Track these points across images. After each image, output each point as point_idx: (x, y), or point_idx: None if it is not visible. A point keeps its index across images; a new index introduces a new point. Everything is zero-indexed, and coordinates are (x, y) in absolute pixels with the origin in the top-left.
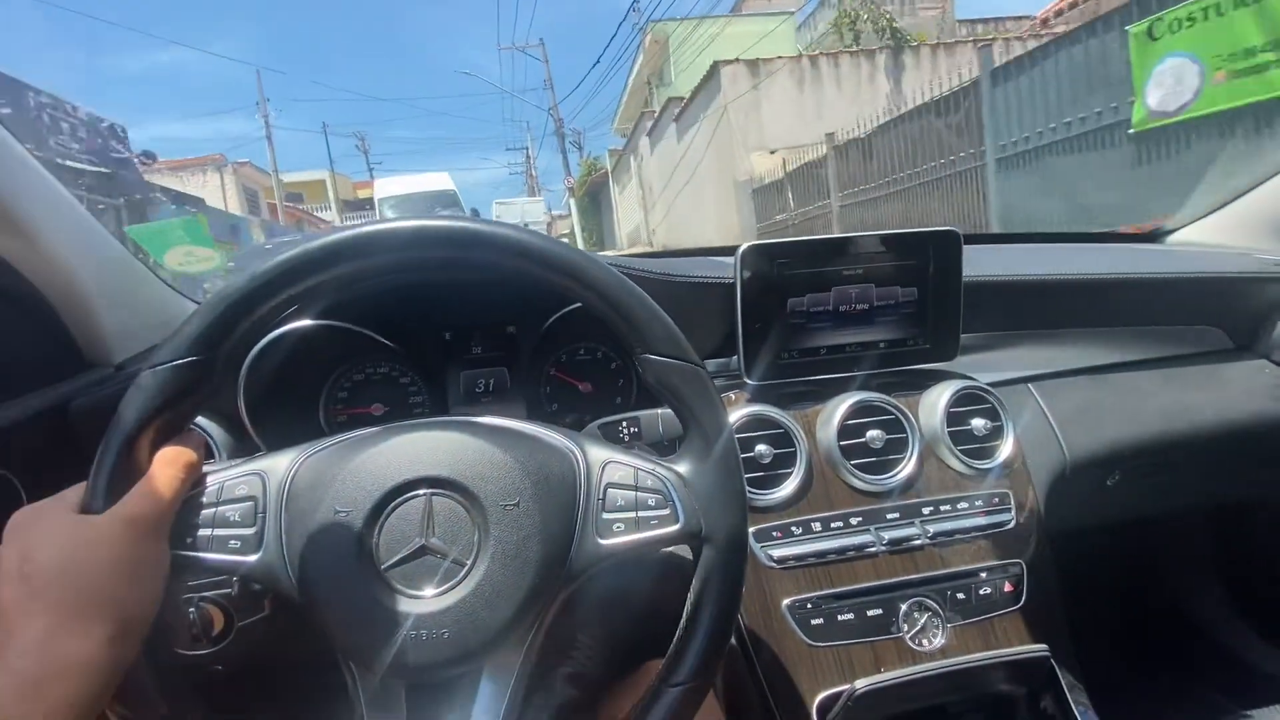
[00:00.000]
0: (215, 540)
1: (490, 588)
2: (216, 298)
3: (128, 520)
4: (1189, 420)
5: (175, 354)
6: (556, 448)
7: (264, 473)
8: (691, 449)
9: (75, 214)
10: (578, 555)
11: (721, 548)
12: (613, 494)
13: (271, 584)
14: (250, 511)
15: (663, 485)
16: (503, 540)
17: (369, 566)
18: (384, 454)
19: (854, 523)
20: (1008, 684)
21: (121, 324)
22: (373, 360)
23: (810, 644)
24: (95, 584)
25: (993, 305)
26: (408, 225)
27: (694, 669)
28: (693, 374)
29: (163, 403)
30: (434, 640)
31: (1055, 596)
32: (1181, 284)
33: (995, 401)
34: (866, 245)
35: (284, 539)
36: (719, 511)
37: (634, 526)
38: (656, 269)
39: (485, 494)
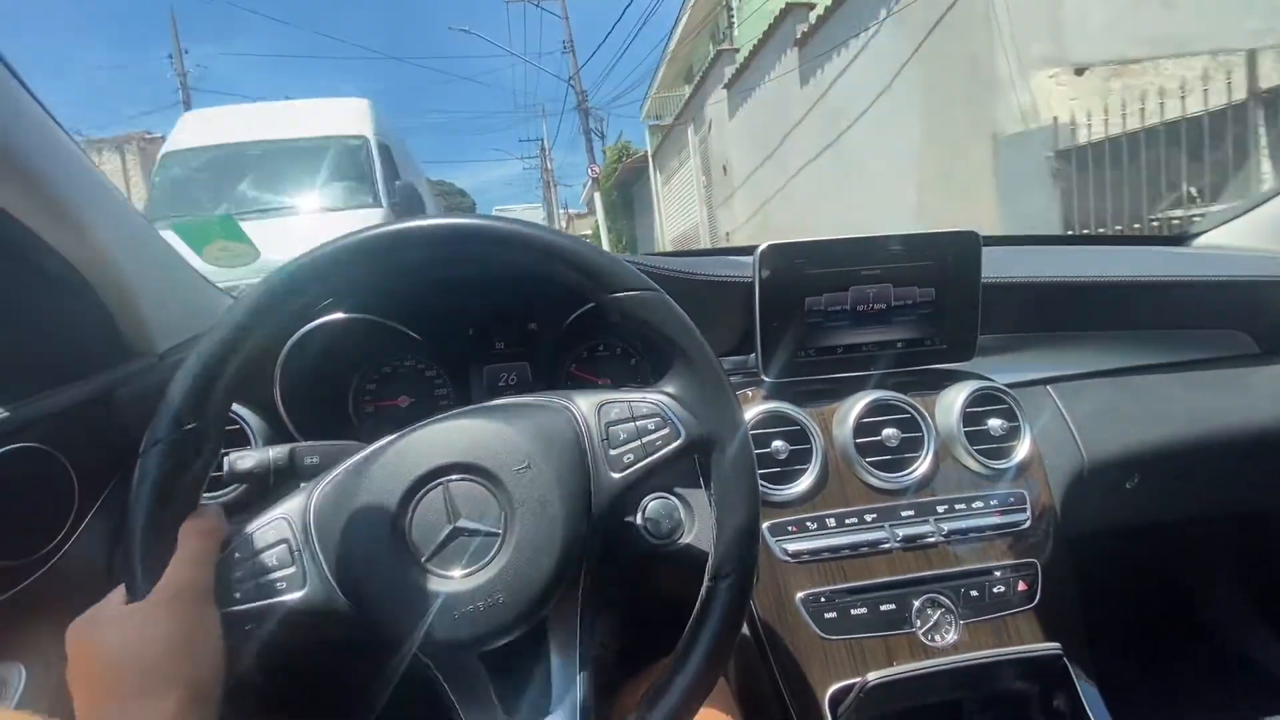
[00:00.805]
0: (261, 587)
1: (528, 546)
2: (192, 361)
3: (171, 595)
4: (1212, 425)
5: (166, 430)
6: (548, 406)
7: (285, 516)
8: (675, 369)
9: (121, 207)
10: (598, 494)
11: (727, 447)
12: (614, 431)
13: (325, 609)
14: (286, 553)
15: (658, 408)
16: (526, 501)
17: (411, 563)
18: (393, 460)
19: (869, 519)
20: (1020, 681)
21: (163, 315)
22: (400, 354)
23: (823, 637)
24: (155, 663)
25: (1011, 306)
26: (338, 245)
27: (737, 560)
28: (658, 301)
29: (170, 478)
30: (491, 608)
31: (1070, 596)
32: (1207, 287)
33: (1012, 402)
34: (885, 245)
35: (324, 565)
36: (716, 415)
37: (642, 452)
38: (675, 267)
39: (495, 465)
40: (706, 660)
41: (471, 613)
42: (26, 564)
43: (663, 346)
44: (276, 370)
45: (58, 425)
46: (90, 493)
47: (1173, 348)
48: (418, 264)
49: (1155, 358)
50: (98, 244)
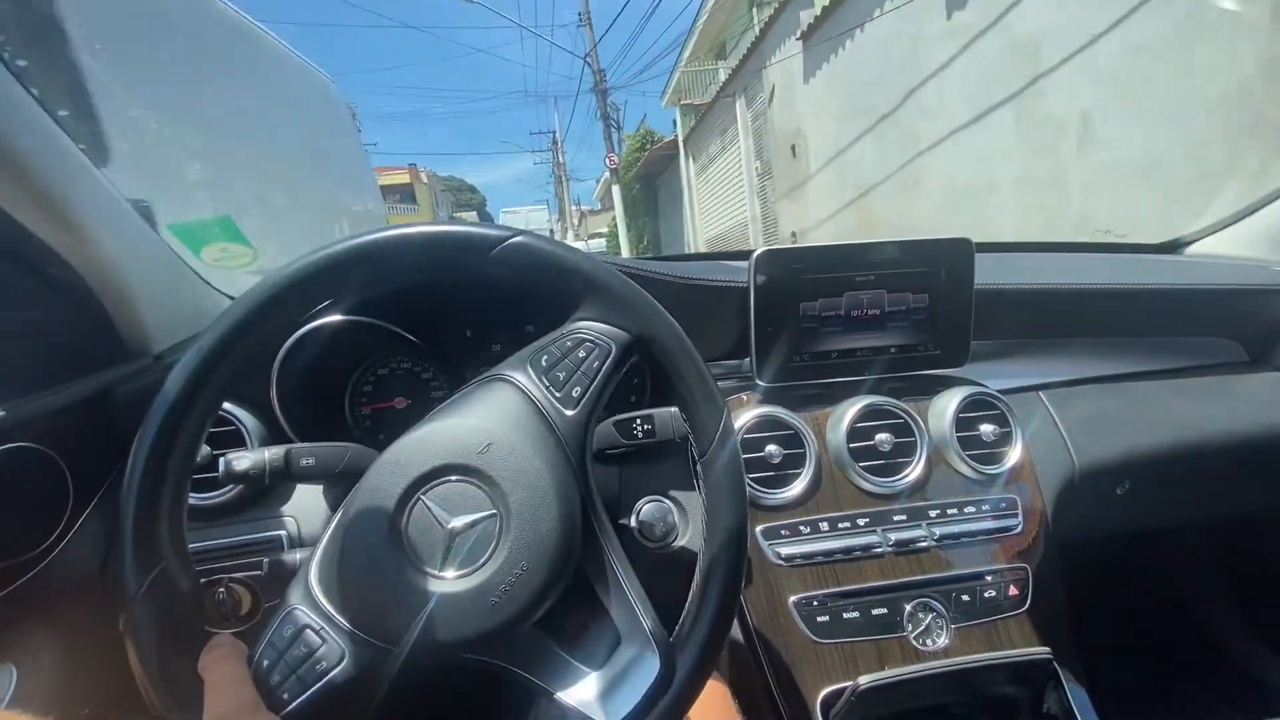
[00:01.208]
0: (305, 678)
1: (528, 510)
2: (124, 500)
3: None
4: (1201, 432)
5: (135, 583)
6: (483, 385)
7: (294, 606)
8: (579, 295)
9: (120, 209)
10: (569, 436)
11: (658, 331)
12: (553, 375)
13: (376, 667)
14: (313, 636)
15: (583, 335)
16: (505, 475)
17: (426, 578)
18: (366, 502)
19: (861, 524)
20: (1010, 685)
21: (161, 316)
22: (397, 356)
23: (816, 640)
24: None
25: (1004, 313)
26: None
27: (714, 425)
28: (532, 239)
29: (164, 624)
30: (523, 577)
31: (1061, 601)
32: (1197, 295)
33: (1004, 408)
34: (879, 252)
35: (355, 630)
36: (634, 314)
37: (585, 380)
38: (671, 272)
39: (458, 457)
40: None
41: (506, 591)
42: (19, 564)
43: (563, 283)
44: (273, 371)
45: (53, 425)
46: (85, 493)
47: (1163, 355)
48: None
49: (1146, 365)
50: (95, 244)
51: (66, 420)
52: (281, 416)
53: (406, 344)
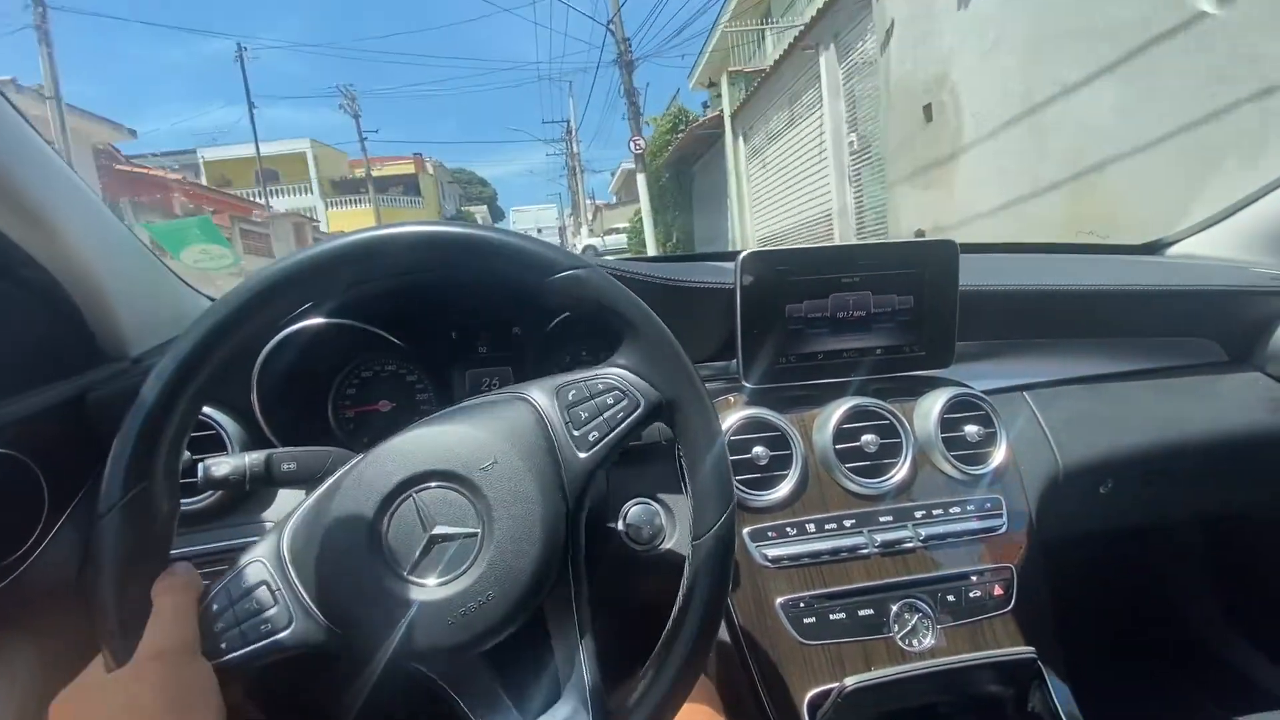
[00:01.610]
0: (247, 633)
1: (510, 540)
2: (129, 420)
3: (154, 657)
4: (1182, 431)
5: (116, 497)
6: (505, 401)
7: (260, 559)
8: (624, 341)
9: (95, 209)
10: (570, 477)
11: (687, 404)
12: (575, 412)
13: (315, 643)
14: (266, 594)
15: (614, 382)
16: (500, 497)
17: (395, 579)
18: (356, 484)
19: (847, 525)
20: (995, 684)
21: (138, 318)
22: (381, 358)
23: (802, 642)
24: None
25: (988, 314)
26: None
27: (715, 513)
28: (591, 275)
29: (130, 544)
30: (484, 606)
31: (1045, 600)
32: (1177, 296)
33: (989, 409)
34: (865, 254)
35: (307, 600)
36: (670, 378)
37: (605, 427)
38: (657, 274)
39: (461, 467)
40: (707, 612)
41: (465, 614)
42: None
43: (609, 321)
44: (254, 375)
45: (27, 430)
46: (60, 500)
47: (1145, 355)
48: (362, 279)
49: (1128, 365)
50: (70, 246)
51: (41, 425)
52: (262, 420)
53: (390, 346)
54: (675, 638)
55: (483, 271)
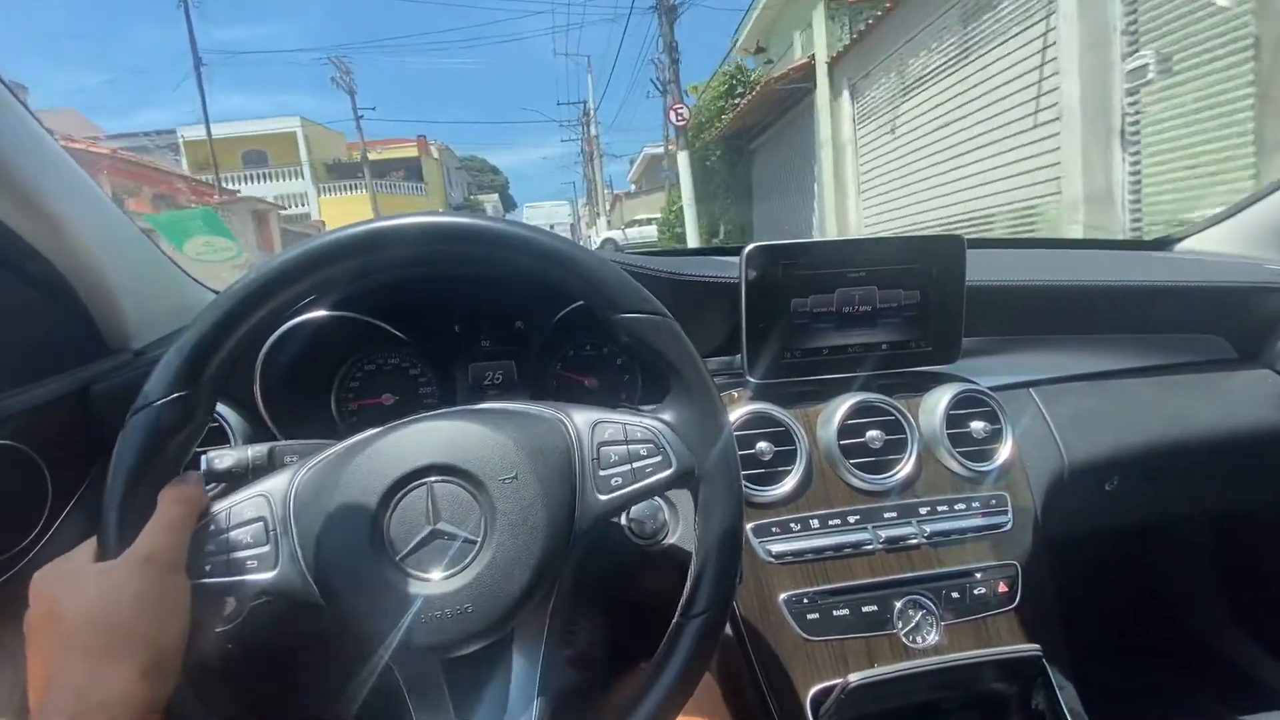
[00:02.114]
0: (232, 564)
1: (504, 559)
2: (190, 331)
3: (143, 560)
4: (1189, 428)
5: (157, 394)
6: (544, 418)
7: (266, 494)
8: (674, 397)
9: (99, 201)
10: (581, 514)
11: (717, 483)
12: (605, 451)
13: (294, 595)
14: (261, 531)
15: (652, 435)
16: (508, 513)
17: (385, 559)
18: (380, 453)
19: (852, 521)
20: (1000, 682)
21: (141, 310)
22: (384, 351)
23: (806, 638)
24: (122, 625)
25: (995, 310)
26: (356, 232)
27: (710, 598)
28: (663, 325)
29: (156, 442)
30: (459, 616)
31: (1049, 598)
32: (1186, 292)
33: (995, 405)
34: (870, 248)
35: (298, 550)
36: (709, 450)
37: (631, 478)
38: (661, 267)
39: (483, 473)
40: (667, 697)
41: (439, 618)
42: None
43: (665, 373)
44: (257, 367)
45: (31, 422)
46: (64, 491)
47: (1152, 352)
48: (427, 259)
49: (1135, 361)
50: (73, 238)
51: (44, 417)
52: (265, 413)
53: (393, 339)
54: (655, 678)
55: (550, 283)
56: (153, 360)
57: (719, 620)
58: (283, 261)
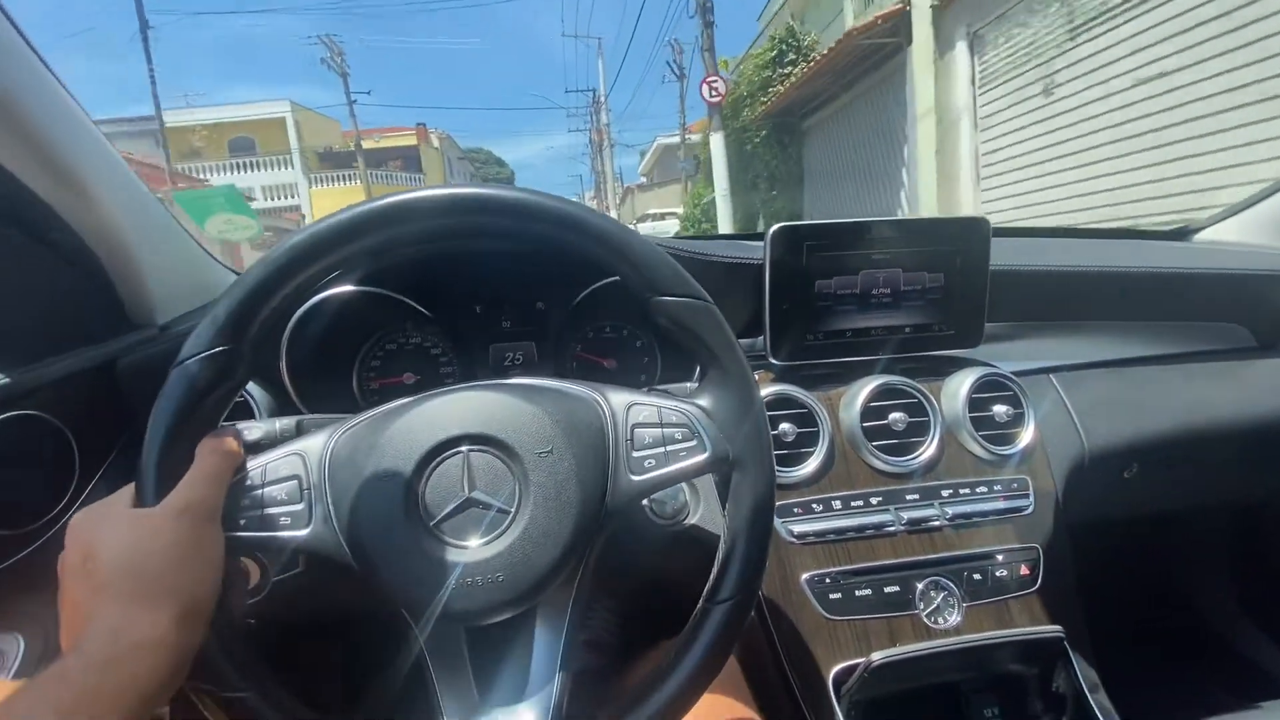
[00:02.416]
0: (266, 519)
1: (536, 531)
2: (236, 286)
3: (180, 509)
4: (1209, 416)
5: (202, 346)
6: (581, 397)
7: (303, 452)
8: (711, 382)
9: (126, 177)
10: (614, 493)
11: (750, 469)
12: (640, 433)
13: (326, 554)
14: (295, 489)
15: (687, 419)
16: (542, 486)
17: (418, 524)
18: (417, 419)
19: (874, 502)
20: (1021, 663)
21: (165, 286)
22: (406, 330)
23: (828, 617)
24: (156, 572)
25: (1018, 295)
26: (422, 195)
27: (737, 585)
28: (704, 310)
29: (197, 395)
30: (489, 585)
31: (1070, 582)
32: (1207, 280)
33: (1017, 389)
34: (895, 231)
35: (332, 510)
36: (743, 437)
37: (664, 460)
38: (686, 249)
39: (519, 445)
40: (689, 681)
41: (469, 585)
42: (26, 533)
43: (703, 357)
44: (283, 343)
45: (59, 394)
46: (91, 463)
47: (1172, 340)
48: (489, 230)
49: (1155, 349)
50: (103, 213)
51: (72, 389)
52: (291, 388)
53: (416, 317)
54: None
55: (591, 261)
56: (179, 335)
57: (745, 607)
58: (337, 221)
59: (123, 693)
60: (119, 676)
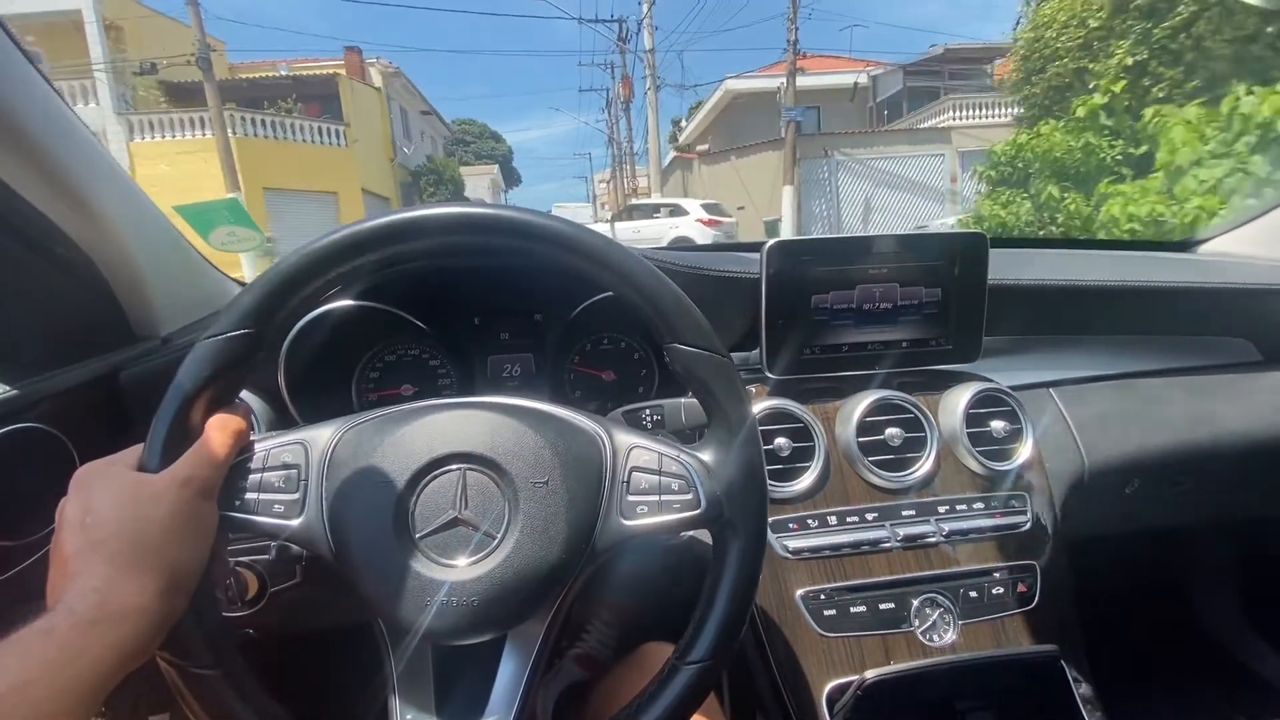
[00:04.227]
0: (261, 504)
1: (519, 560)
2: (271, 273)
3: (182, 480)
4: (1212, 431)
5: (231, 325)
6: (585, 430)
7: (306, 442)
8: (716, 438)
9: (129, 189)
10: (602, 534)
11: (741, 534)
12: (637, 477)
13: (310, 547)
14: (293, 479)
15: (686, 471)
16: (532, 516)
17: (404, 535)
18: (421, 429)
19: (869, 518)
20: (1016, 681)
21: (168, 298)
22: (404, 342)
23: (822, 634)
24: (150, 538)
25: (1017, 309)
26: (459, 210)
27: (710, 648)
28: (720, 365)
29: (216, 371)
30: (463, 607)
31: (1068, 599)
32: (1210, 294)
33: (1015, 404)
34: (892, 245)
35: (324, 505)
36: (740, 499)
37: (657, 509)
38: (683, 262)
39: (516, 471)
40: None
41: (442, 604)
42: (27, 544)
43: (712, 410)
44: (281, 357)
45: (60, 406)
46: None
47: (1175, 354)
48: (525, 254)
49: (1158, 363)
50: (105, 225)
51: (74, 401)
52: (289, 401)
53: (414, 330)
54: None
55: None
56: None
57: (715, 672)
58: (376, 225)
59: (105, 653)
60: (103, 638)
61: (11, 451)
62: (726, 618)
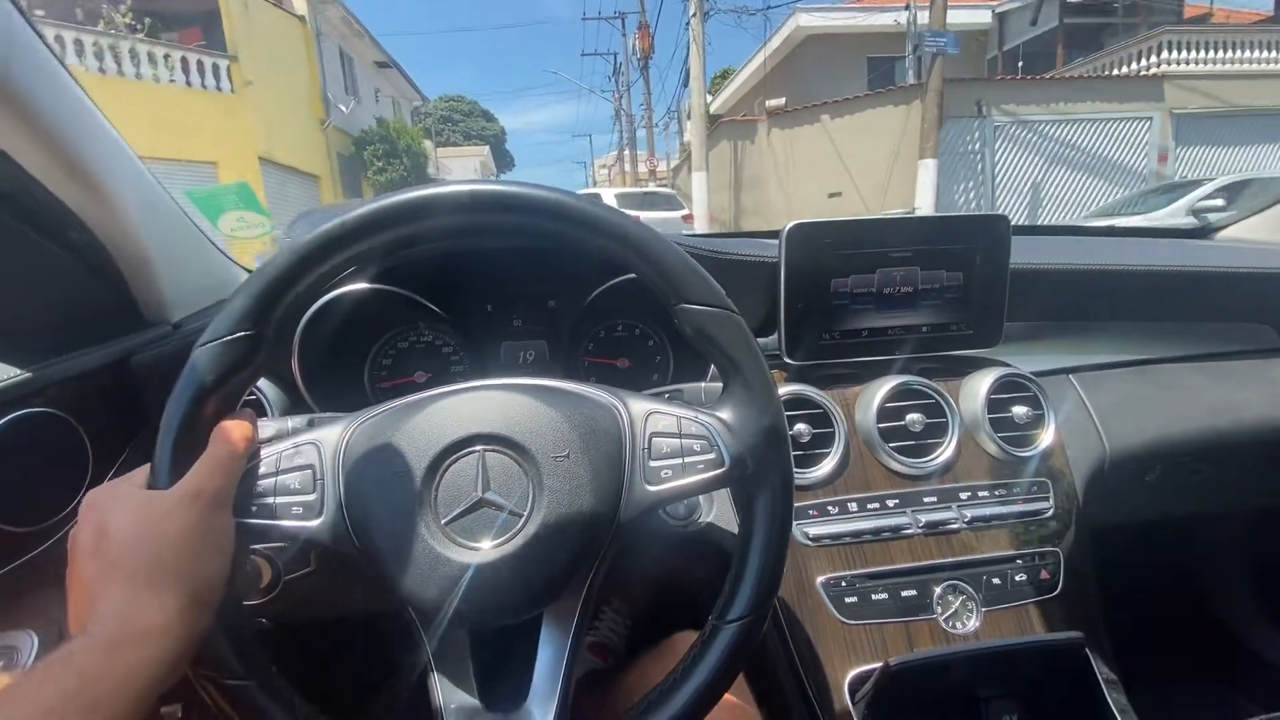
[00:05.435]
0: (278, 508)
1: (547, 536)
2: (261, 273)
3: (193, 494)
4: (1234, 418)
5: (224, 330)
6: (600, 402)
7: (318, 442)
8: (733, 395)
9: (141, 175)
10: (628, 502)
11: (767, 486)
12: (658, 442)
13: (335, 546)
14: (309, 479)
15: (706, 431)
16: (556, 491)
17: (429, 521)
18: (435, 415)
19: (890, 504)
20: (1041, 669)
21: (179, 285)
22: (417, 328)
23: (844, 621)
24: (166, 556)
25: (1038, 294)
26: (448, 190)
27: (749, 604)
28: (729, 320)
29: (216, 379)
30: (496, 588)
31: (1091, 586)
32: (1231, 279)
33: (1037, 390)
34: (913, 228)
35: (344, 502)
36: (763, 452)
37: (680, 472)
38: (702, 246)
39: (536, 448)
40: (694, 702)
41: (476, 587)
42: (40, 531)
43: (726, 368)
44: (294, 341)
45: (72, 391)
46: (104, 460)
47: (1195, 340)
48: (523, 229)
49: (1177, 350)
50: (116, 208)
51: (85, 386)
52: (303, 386)
53: (428, 315)
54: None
55: (617, 266)
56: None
57: (757, 627)
58: (365, 212)
59: (128, 677)
60: (125, 661)
61: (22, 436)
62: (761, 573)
